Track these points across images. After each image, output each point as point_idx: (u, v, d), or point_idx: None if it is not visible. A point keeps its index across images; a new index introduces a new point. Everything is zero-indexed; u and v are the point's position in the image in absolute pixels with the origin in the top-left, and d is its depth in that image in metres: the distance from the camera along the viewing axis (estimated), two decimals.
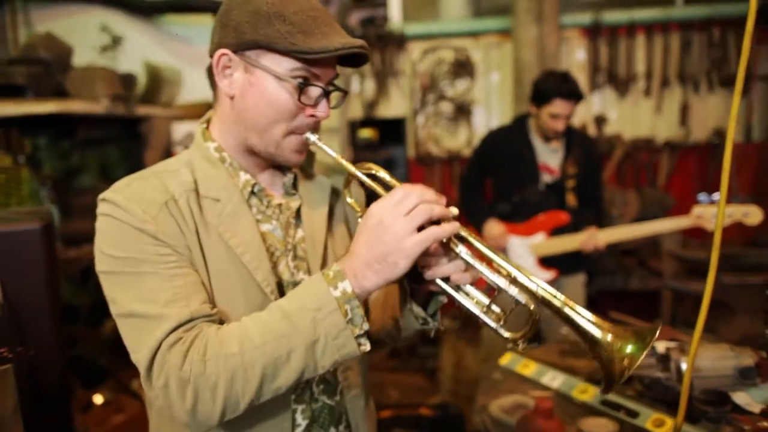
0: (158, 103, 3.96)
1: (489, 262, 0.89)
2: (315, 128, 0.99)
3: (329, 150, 0.98)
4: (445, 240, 0.87)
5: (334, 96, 1.00)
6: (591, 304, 2.16)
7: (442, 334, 3.71)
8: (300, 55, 0.90)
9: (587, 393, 1.68)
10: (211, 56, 0.98)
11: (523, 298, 0.87)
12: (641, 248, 4.15)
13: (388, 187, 0.93)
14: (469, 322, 3.80)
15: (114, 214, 0.91)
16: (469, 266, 0.90)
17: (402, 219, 0.83)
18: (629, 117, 4.64)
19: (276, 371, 0.85)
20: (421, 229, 0.84)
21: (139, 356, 0.87)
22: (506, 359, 2.01)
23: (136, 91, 3.67)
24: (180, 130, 4.10)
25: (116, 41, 3.68)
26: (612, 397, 1.62)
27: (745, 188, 4.41)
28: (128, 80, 3.51)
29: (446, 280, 0.91)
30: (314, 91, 0.96)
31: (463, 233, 0.88)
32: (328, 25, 0.93)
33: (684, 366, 1.53)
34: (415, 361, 4.02)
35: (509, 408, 1.65)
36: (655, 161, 4.62)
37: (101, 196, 0.94)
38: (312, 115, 0.97)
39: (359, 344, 0.86)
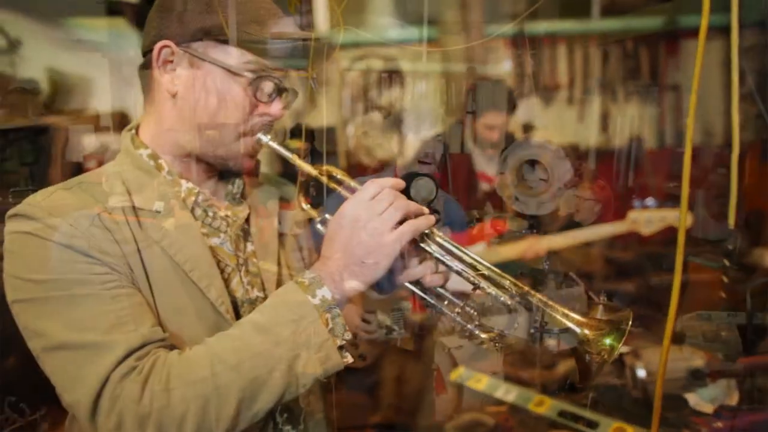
0: (65, 113, 3.62)
1: (460, 260, 0.86)
2: (267, 129, 0.92)
3: (284, 151, 0.91)
4: (420, 235, 0.84)
5: (284, 98, 0.94)
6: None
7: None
8: (255, 45, 0.83)
9: (544, 405, 1.64)
10: (148, 50, 0.86)
11: (500, 294, 0.85)
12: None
13: (349, 188, 0.88)
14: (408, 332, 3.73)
15: (32, 230, 0.75)
16: (441, 266, 0.87)
17: (378, 217, 0.79)
18: (554, 125, 4.79)
19: (254, 394, 0.73)
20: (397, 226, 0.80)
21: (77, 395, 0.70)
22: (457, 374, 1.95)
23: (39, 100, 3.34)
24: (91, 142, 3.77)
25: (14, 44, 3.32)
26: (569, 407, 1.59)
27: (659, 192, 4.65)
28: (29, 87, 3.18)
29: (415, 284, 0.88)
30: (269, 86, 0.88)
31: (434, 231, 0.85)
32: (281, 17, 0.89)
33: (639, 372, 1.52)
34: (353, 378, 3.90)
35: (467, 427, 1.58)
36: (579, 167, 4.79)
37: (12, 211, 0.78)
38: (265, 114, 0.90)
39: (342, 356, 0.78)
